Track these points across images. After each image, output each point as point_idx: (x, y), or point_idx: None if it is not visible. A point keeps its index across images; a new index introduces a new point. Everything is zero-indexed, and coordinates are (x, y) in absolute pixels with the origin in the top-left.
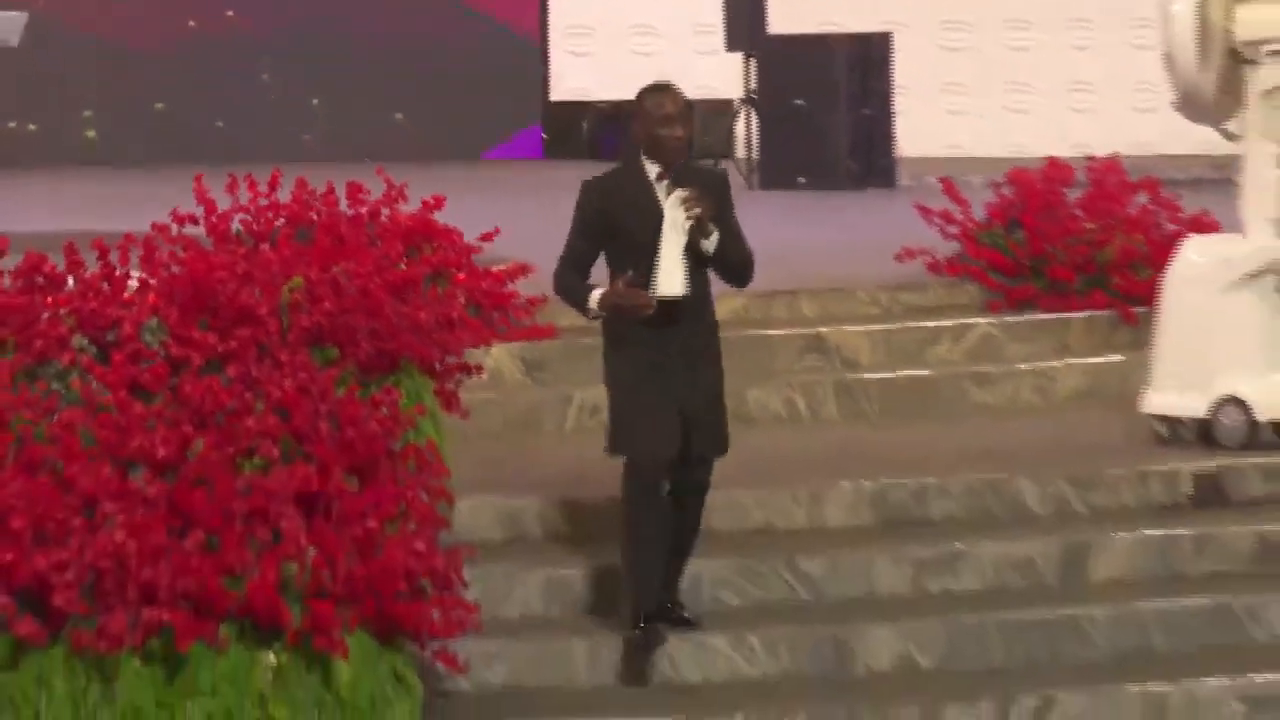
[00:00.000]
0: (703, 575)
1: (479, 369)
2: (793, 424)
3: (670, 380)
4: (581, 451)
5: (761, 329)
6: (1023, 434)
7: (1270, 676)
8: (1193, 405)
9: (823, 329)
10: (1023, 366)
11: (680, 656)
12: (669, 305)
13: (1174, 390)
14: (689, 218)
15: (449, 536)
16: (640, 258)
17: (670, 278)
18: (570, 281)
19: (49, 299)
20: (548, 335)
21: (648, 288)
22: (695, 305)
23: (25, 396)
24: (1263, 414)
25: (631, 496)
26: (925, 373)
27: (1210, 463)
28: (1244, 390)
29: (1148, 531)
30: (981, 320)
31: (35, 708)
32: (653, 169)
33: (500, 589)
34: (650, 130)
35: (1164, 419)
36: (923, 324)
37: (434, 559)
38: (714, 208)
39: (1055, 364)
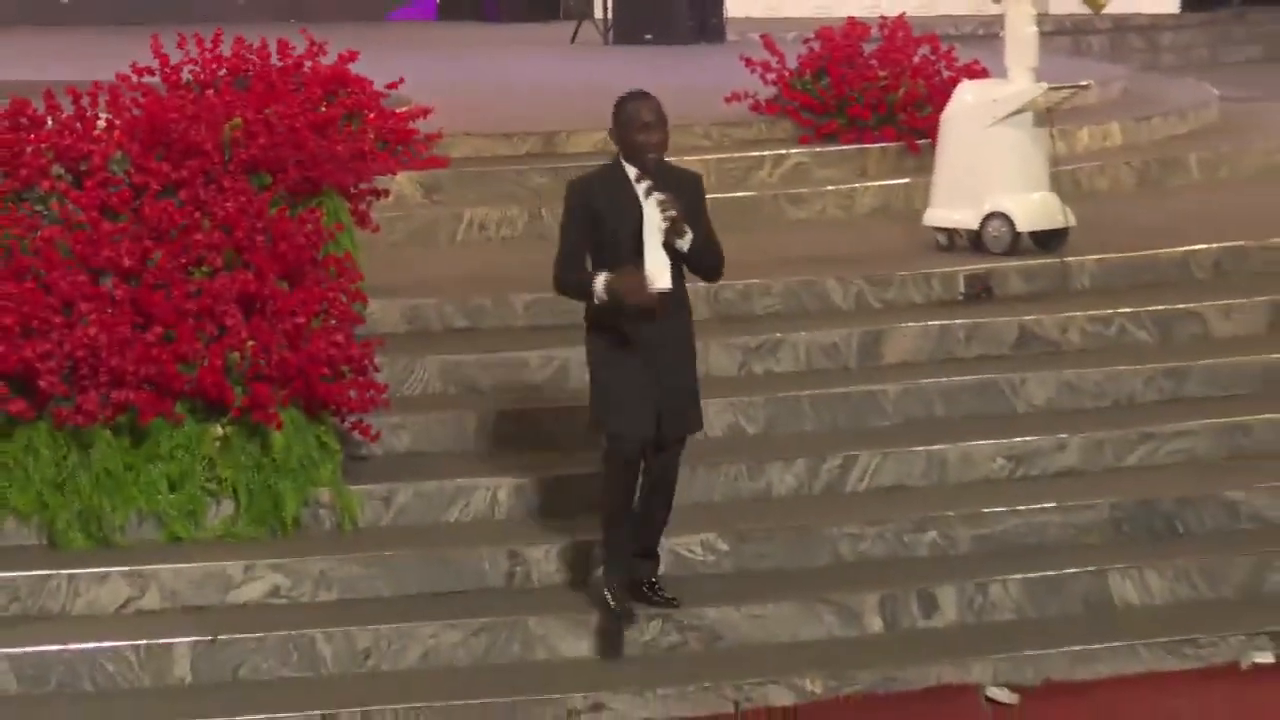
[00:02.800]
0: (570, 360)
1: (386, 193)
2: None
3: (648, 364)
4: (471, 258)
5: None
6: (829, 243)
7: (1027, 438)
8: (966, 219)
9: (669, 158)
10: (829, 188)
11: (553, 425)
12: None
13: (951, 207)
14: (665, 219)
15: (362, 330)
16: (622, 253)
17: (656, 274)
18: (571, 277)
19: (31, 136)
20: (442, 165)
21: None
22: (672, 299)
23: (13, 216)
24: (1022, 225)
25: (610, 472)
26: (750, 194)
27: (980, 265)
28: (1007, 206)
29: (929, 321)
30: (795, 151)
31: (25, 470)
32: (632, 170)
33: (404, 372)
34: (629, 135)
35: (942, 230)
36: (747, 154)
37: (351, 348)
38: (688, 209)
39: (855, 186)
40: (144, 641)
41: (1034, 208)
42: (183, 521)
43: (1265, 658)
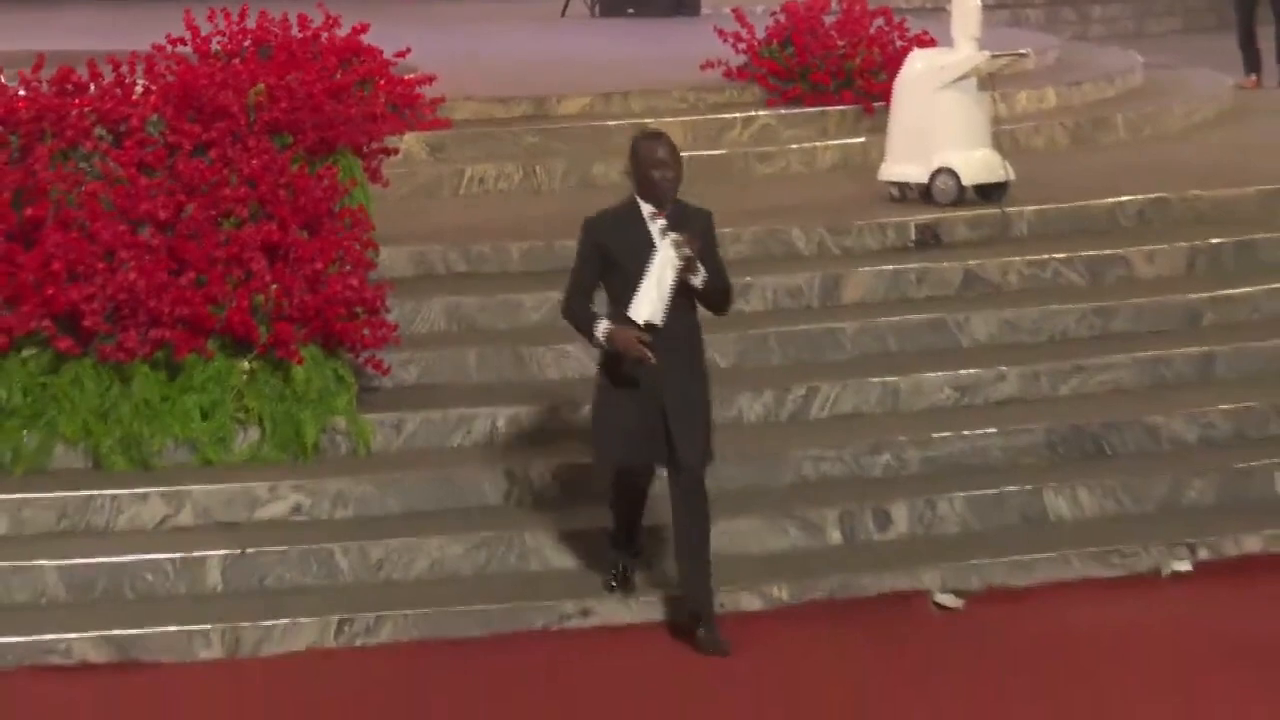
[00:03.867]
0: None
1: (395, 151)
2: (626, 190)
3: (654, 395)
4: (471, 210)
5: (603, 120)
6: (793, 196)
7: (972, 370)
8: (916, 174)
9: (648, 120)
10: (793, 147)
11: (545, 361)
12: (647, 329)
13: (903, 163)
14: (681, 258)
15: (375, 274)
16: (631, 288)
17: (646, 305)
18: (578, 310)
19: (76, 101)
20: (446, 126)
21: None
22: (680, 332)
23: (60, 173)
24: (967, 180)
25: (613, 490)
26: (722, 152)
27: (929, 215)
28: (954, 162)
29: (884, 266)
30: (762, 113)
31: (72, 400)
32: (647, 208)
33: (412, 313)
34: (645, 173)
35: (895, 184)
36: (720, 116)
37: (364, 291)
38: (701, 247)
39: (817, 144)
40: (179, 554)
41: (977, 163)
42: (213, 447)
43: (1184, 566)
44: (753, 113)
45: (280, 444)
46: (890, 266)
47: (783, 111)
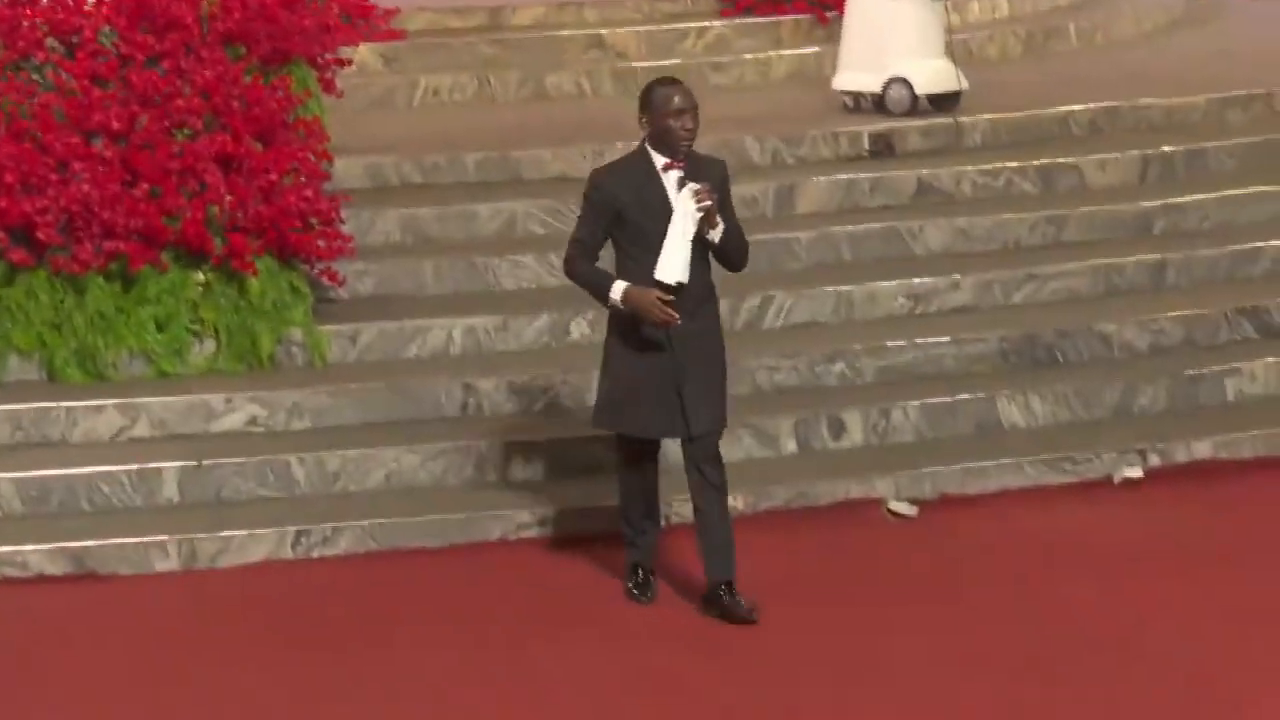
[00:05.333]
0: (516, 211)
1: (349, 62)
2: (580, 101)
3: (669, 361)
4: (426, 121)
5: (556, 31)
6: (748, 106)
7: (925, 279)
8: (870, 83)
9: (602, 31)
10: (747, 56)
11: (501, 271)
12: (670, 290)
13: (857, 72)
14: (699, 209)
15: (329, 186)
16: (652, 244)
17: (674, 265)
18: (586, 269)
19: (27, 11)
20: (399, 37)
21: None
22: (699, 290)
23: (12, 84)
24: (920, 89)
25: (619, 465)
26: (677, 62)
27: (882, 125)
28: (907, 71)
29: (838, 175)
30: (716, 23)
31: (26, 312)
32: (659, 159)
33: (367, 224)
34: (661, 122)
35: (849, 93)
36: (674, 26)
37: (319, 202)
38: (719, 198)
39: (771, 54)
40: (135, 466)
41: (931, 73)
42: (169, 358)
43: (1135, 473)
44: (707, 23)
45: (236, 355)
46: (844, 176)
47: (736, 21)
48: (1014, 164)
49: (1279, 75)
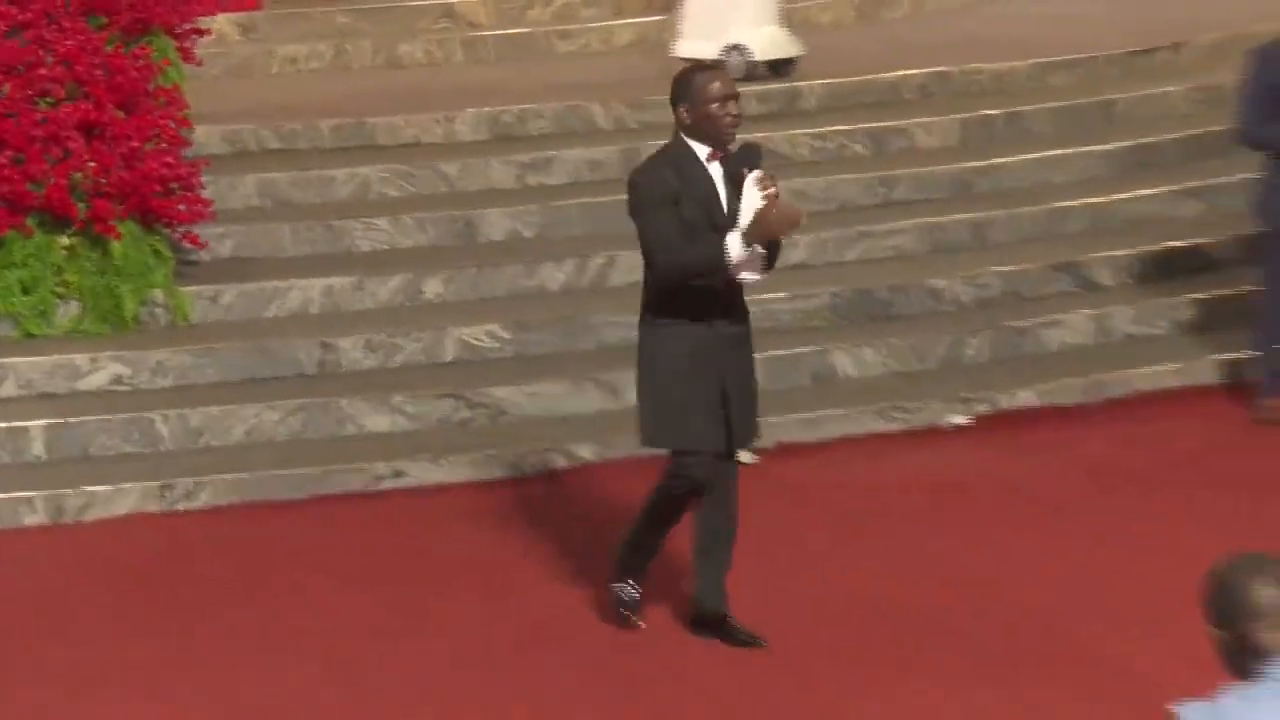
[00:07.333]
0: (370, 176)
1: (208, 31)
2: (432, 68)
3: (714, 365)
4: (283, 89)
5: (409, 0)
6: (593, 73)
7: None
8: (709, 49)
9: (452, 0)
10: (592, 25)
11: (356, 233)
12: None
13: (696, 39)
14: (765, 198)
15: (190, 152)
16: (698, 237)
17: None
18: (688, 251)
19: None
20: (257, 7)
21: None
22: (742, 300)
23: None
24: (757, 55)
25: (673, 492)
26: (525, 30)
27: None
28: (745, 38)
29: None
30: None
31: None
32: (701, 150)
33: (227, 189)
34: (704, 110)
35: (689, 61)
36: None
37: (180, 168)
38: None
39: (614, 23)
40: (3, 424)
41: (767, 39)
42: (35, 320)
43: (963, 420)
44: None
45: (100, 317)
46: None
47: None
48: (846, 127)
49: (1102, 39)
